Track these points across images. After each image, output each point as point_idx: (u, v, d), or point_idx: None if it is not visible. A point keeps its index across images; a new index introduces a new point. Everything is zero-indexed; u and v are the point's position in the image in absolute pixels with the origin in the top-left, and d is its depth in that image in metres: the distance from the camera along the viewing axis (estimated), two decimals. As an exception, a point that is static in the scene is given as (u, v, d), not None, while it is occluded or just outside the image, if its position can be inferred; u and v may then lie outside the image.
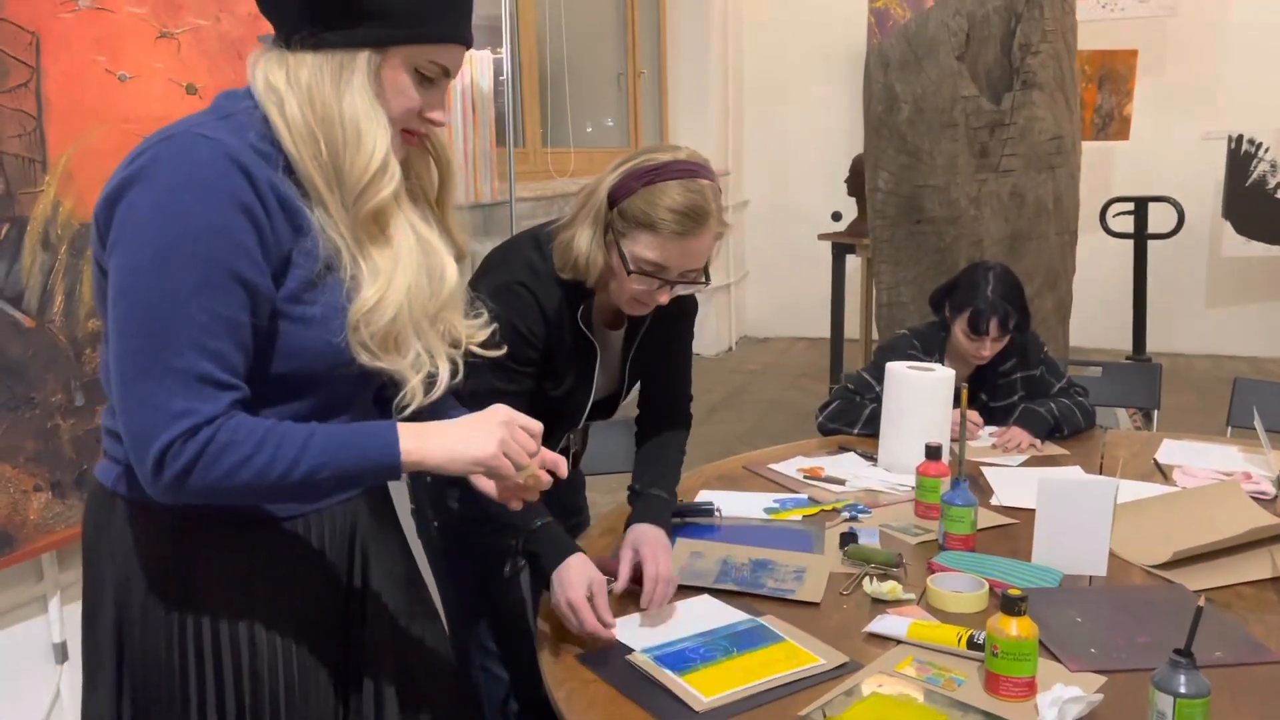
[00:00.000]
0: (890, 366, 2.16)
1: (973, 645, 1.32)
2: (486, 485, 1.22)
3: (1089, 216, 4.64)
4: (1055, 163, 3.62)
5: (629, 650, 1.36)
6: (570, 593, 1.38)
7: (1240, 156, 5.85)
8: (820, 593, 1.53)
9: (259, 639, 1.15)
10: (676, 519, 1.84)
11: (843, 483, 2.06)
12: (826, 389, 5.08)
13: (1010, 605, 1.23)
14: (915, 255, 3.73)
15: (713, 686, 1.26)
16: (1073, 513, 1.60)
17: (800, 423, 5.00)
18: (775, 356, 6.84)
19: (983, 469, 2.14)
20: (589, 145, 5.66)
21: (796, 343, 7.20)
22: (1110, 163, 6.36)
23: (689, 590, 1.55)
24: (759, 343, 7.30)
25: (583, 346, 1.62)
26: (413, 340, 1.12)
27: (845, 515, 1.88)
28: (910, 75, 3.64)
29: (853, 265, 5.15)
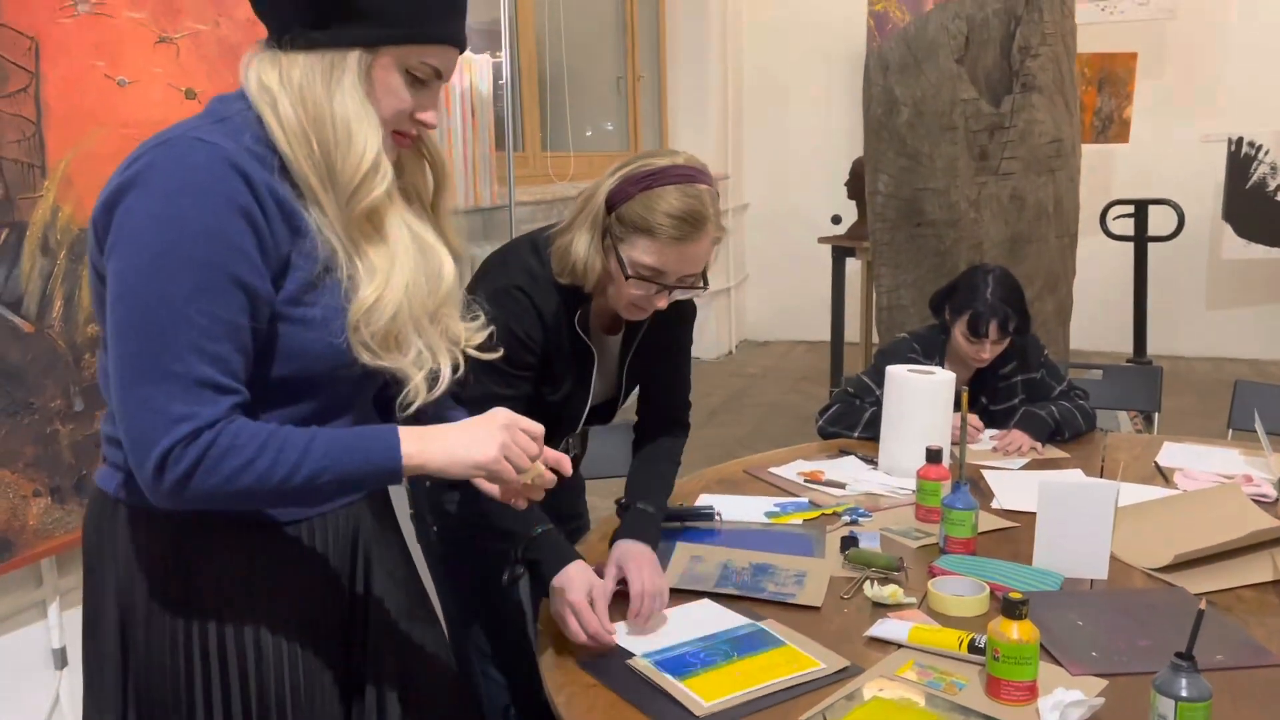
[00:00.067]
0: (890, 370, 2.16)
1: (974, 649, 1.32)
2: (489, 487, 1.22)
3: (1089, 219, 4.64)
4: (1055, 165, 3.62)
5: (629, 655, 1.36)
6: (571, 595, 1.38)
7: (1240, 159, 5.85)
8: (821, 597, 1.53)
9: (264, 643, 1.15)
10: (676, 523, 1.84)
11: (843, 486, 2.06)
12: (827, 392, 5.08)
13: (1011, 609, 1.22)
14: (915, 258, 3.73)
15: (713, 691, 1.26)
16: (1073, 516, 1.60)
17: (800, 426, 5.00)
18: (775, 360, 6.84)
19: (983, 472, 2.13)
20: (588, 149, 5.66)
21: (796, 346, 7.20)
22: (1110, 165, 6.36)
23: (689, 594, 1.54)
24: (759, 346, 7.30)
25: (580, 351, 1.62)
26: (413, 338, 1.12)
27: (846, 519, 1.88)
28: (910, 78, 3.64)
29: (853, 268, 5.15)
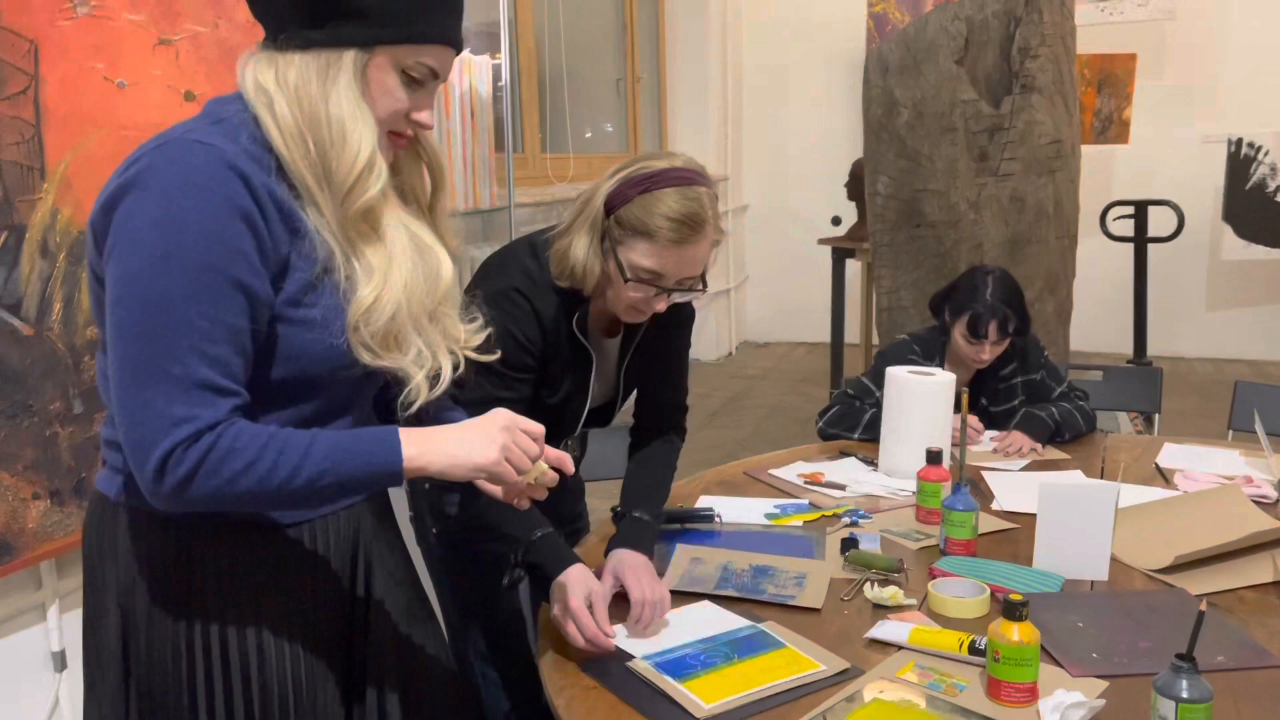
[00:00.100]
0: (890, 371, 2.16)
1: (974, 650, 1.32)
2: (492, 487, 1.22)
3: (1089, 220, 4.65)
4: (1055, 166, 3.62)
5: (629, 657, 1.36)
6: (571, 600, 1.38)
7: (1240, 160, 5.85)
8: (821, 598, 1.53)
9: (266, 645, 1.15)
10: (676, 525, 1.84)
11: (843, 488, 2.06)
12: (827, 394, 5.08)
13: (1012, 610, 1.22)
14: (915, 259, 3.73)
15: (713, 693, 1.26)
16: (1074, 517, 1.60)
17: (800, 428, 5.00)
18: (775, 361, 6.84)
19: (983, 474, 2.13)
20: (588, 150, 5.66)
21: (797, 347, 7.20)
22: (1110, 166, 6.37)
23: (689, 596, 1.54)
24: (759, 347, 7.30)
25: (579, 354, 1.62)
26: (413, 337, 1.12)
27: (846, 520, 1.87)
28: (909, 79, 3.64)
29: (853, 270, 5.15)
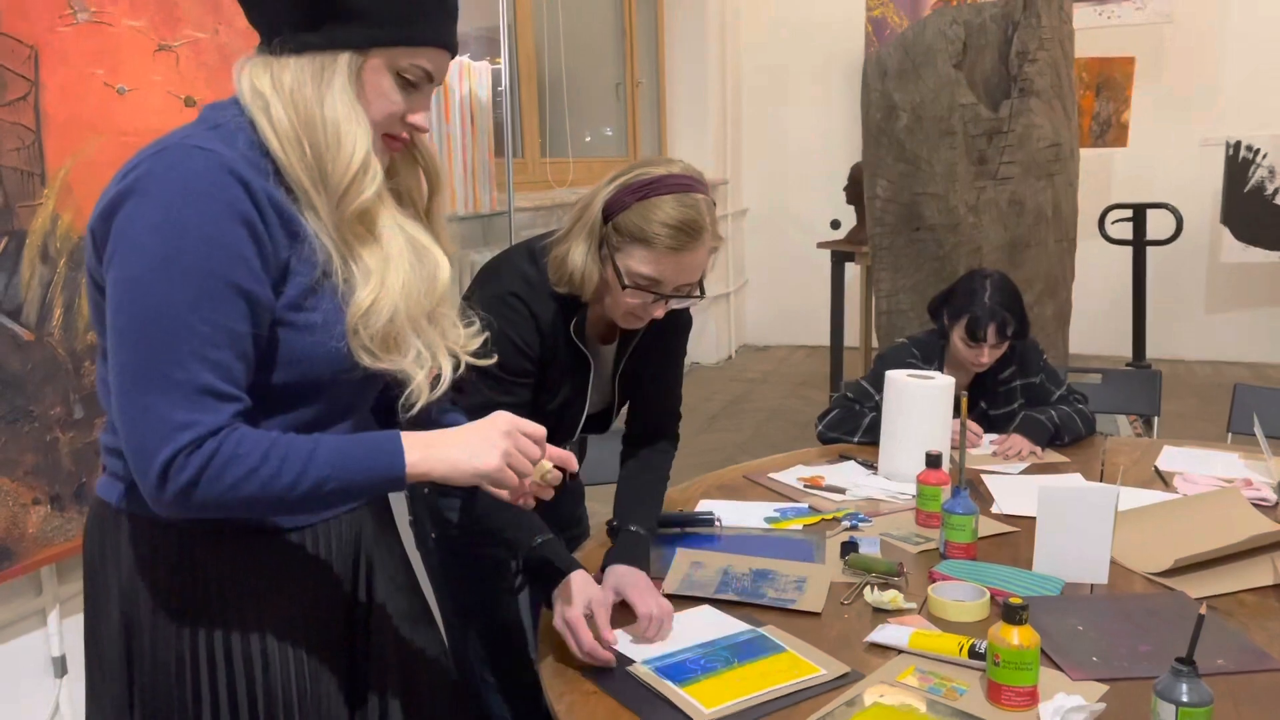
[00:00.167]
0: (890, 375, 2.16)
1: (974, 654, 1.32)
2: (497, 490, 1.22)
3: (1088, 223, 4.65)
4: (1054, 170, 3.63)
5: (630, 661, 1.36)
6: (568, 611, 1.37)
7: (1238, 163, 5.86)
8: (821, 602, 1.53)
9: (269, 649, 1.15)
10: (676, 529, 1.83)
11: (843, 491, 2.06)
12: (826, 397, 5.08)
13: (1012, 614, 1.22)
14: (914, 263, 3.74)
15: (714, 698, 1.26)
16: (1074, 520, 1.60)
17: (800, 431, 5.00)
18: (775, 365, 6.84)
19: (983, 477, 2.13)
20: (588, 155, 5.67)
21: (796, 351, 7.20)
22: (1108, 170, 6.37)
23: (689, 601, 1.54)
24: (759, 351, 7.31)
25: (577, 359, 1.62)
26: (411, 338, 1.12)
27: (846, 524, 1.87)
28: (908, 83, 3.65)
29: (852, 273, 5.15)
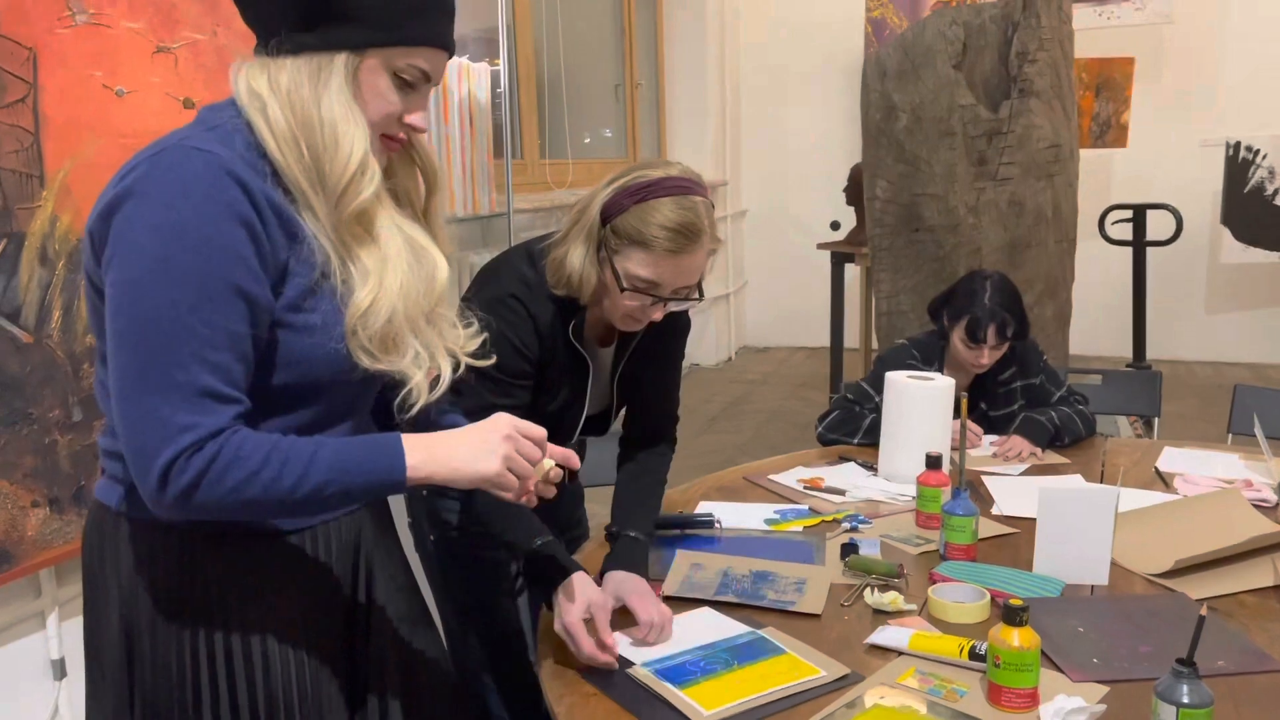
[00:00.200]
0: (890, 376, 2.16)
1: (975, 656, 1.31)
2: (498, 491, 1.22)
3: (1088, 224, 4.65)
4: (1053, 170, 3.63)
5: (629, 663, 1.35)
6: (565, 617, 1.37)
7: (1238, 163, 5.86)
8: (821, 604, 1.53)
9: (270, 651, 1.15)
10: (676, 531, 1.83)
11: (843, 493, 2.06)
12: (826, 398, 5.08)
13: (1012, 615, 1.22)
14: (914, 264, 3.73)
15: (714, 699, 1.25)
16: (1074, 522, 1.60)
17: (800, 433, 4.99)
18: (775, 366, 6.84)
19: (983, 478, 2.13)
20: (587, 156, 5.67)
21: (796, 352, 7.20)
22: (1108, 170, 6.37)
23: (689, 603, 1.54)
24: (759, 352, 7.30)
25: (575, 361, 1.61)
26: (410, 339, 1.12)
27: (846, 526, 1.87)
28: (908, 84, 3.65)
29: (852, 274, 5.15)
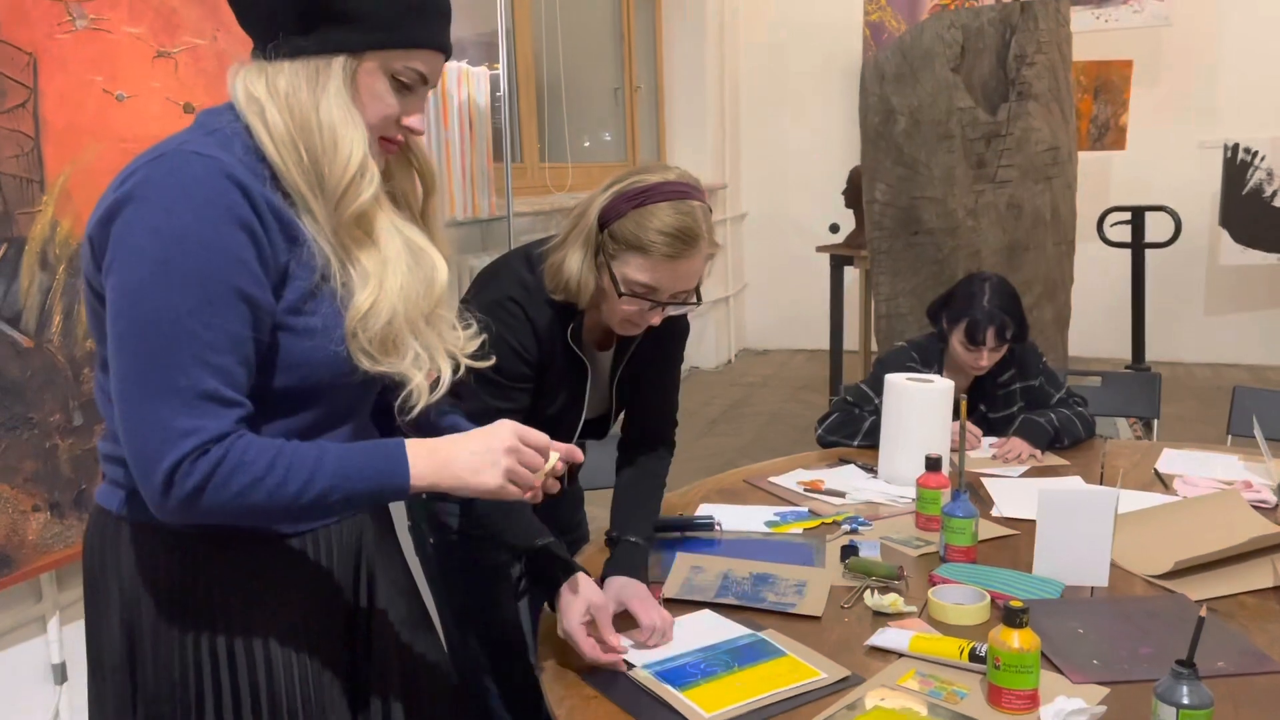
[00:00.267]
0: (889, 379, 2.16)
1: (975, 658, 1.31)
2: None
3: (1086, 226, 4.65)
4: (1052, 173, 3.63)
5: (630, 666, 1.35)
6: (566, 622, 1.37)
7: (1236, 165, 5.86)
8: (821, 606, 1.53)
9: (273, 655, 1.15)
10: (676, 533, 1.83)
11: (843, 495, 2.06)
12: (826, 401, 5.08)
13: (1012, 617, 1.22)
14: (913, 266, 3.74)
15: (714, 702, 1.26)
16: (1074, 523, 1.60)
17: (800, 435, 5.00)
18: (775, 369, 6.84)
19: (983, 480, 2.13)
20: (586, 160, 5.67)
21: (796, 355, 7.20)
22: (1107, 172, 6.38)
23: (689, 605, 1.54)
24: (758, 355, 7.31)
25: (574, 365, 1.62)
26: (410, 341, 1.12)
27: (846, 528, 1.87)
28: (906, 87, 3.65)
29: (851, 277, 5.16)
